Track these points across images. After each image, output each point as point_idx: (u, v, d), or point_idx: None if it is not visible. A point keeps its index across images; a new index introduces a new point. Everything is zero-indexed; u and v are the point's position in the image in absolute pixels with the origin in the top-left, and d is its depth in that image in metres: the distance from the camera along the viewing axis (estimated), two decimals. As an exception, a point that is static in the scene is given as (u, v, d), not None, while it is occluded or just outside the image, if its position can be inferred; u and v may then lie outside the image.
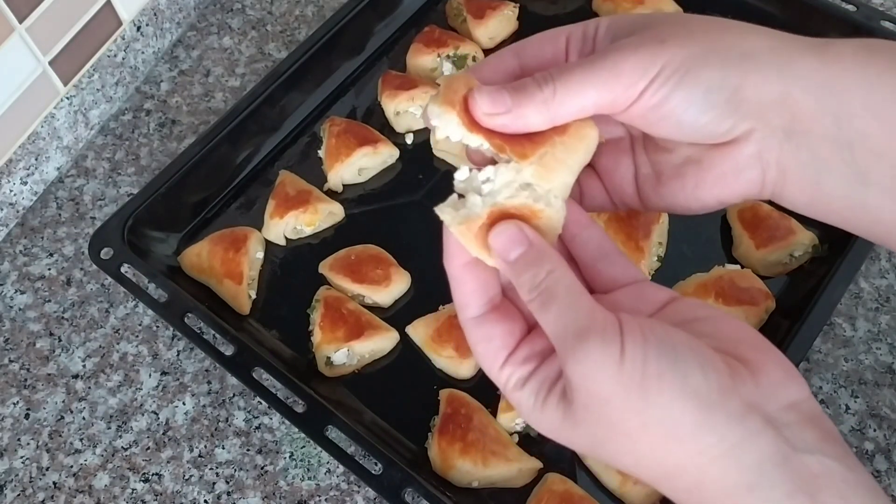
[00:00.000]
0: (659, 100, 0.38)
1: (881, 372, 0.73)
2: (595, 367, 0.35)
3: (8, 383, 0.76)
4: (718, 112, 0.38)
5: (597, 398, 0.35)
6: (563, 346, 0.36)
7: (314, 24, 0.98)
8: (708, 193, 0.42)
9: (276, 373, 0.68)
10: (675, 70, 0.37)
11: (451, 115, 0.38)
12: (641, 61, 0.38)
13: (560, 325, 0.36)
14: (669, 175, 0.43)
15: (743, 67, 0.38)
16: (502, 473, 0.66)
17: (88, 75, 0.88)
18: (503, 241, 0.38)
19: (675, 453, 0.35)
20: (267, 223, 0.81)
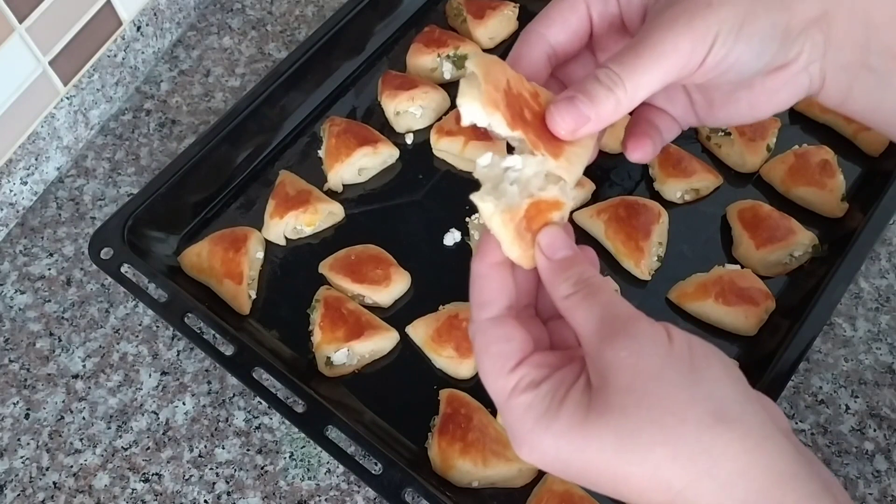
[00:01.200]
0: (719, 60, 0.41)
1: (881, 372, 0.73)
2: (647, 343, 0.36)
3: (8, 383, 0.76)
4: (773, 52, 0.42)
5: (644, 375, 0.35)
6: (611, 326, 0.37)
7: (314, 24, 0.98)
8: (761, 109, 0.46)
9: (276, 373, 0.68)
10: (729, 30, 0.40)
11: (496, 117, 0.40)
12: (698, 33, 0.40)
13: (609, 309, 0.38)
14: (722, 101, 0.46)
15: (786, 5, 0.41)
16: (502, 473, 0.66)
17: (88, 75, 0.88)
18: (551, 240, 0.40)
19: (722, 436, 0.35)
20: (267, 223, 0.81)
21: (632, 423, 0.35)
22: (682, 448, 0.35)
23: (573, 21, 0.45)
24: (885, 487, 0.68)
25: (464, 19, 0.92)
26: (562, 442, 0.36)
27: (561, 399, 0.37)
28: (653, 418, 0.35)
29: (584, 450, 0.36)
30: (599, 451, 0.36)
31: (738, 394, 0.36)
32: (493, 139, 0.83)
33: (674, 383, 0.35)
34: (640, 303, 0.75)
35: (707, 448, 0.35)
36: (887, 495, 0.68)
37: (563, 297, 0.39)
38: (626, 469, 0.35)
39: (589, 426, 0.36)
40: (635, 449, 0.35)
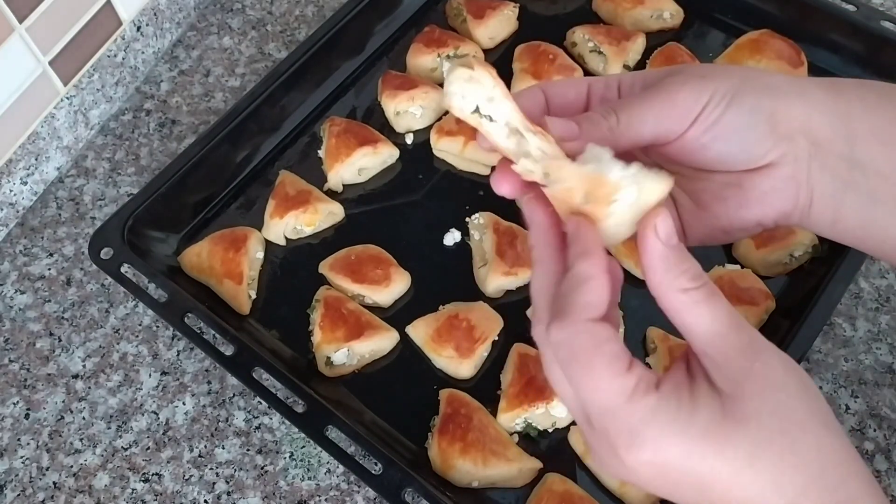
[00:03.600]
0: (710, 123, 0.42)
1: (881, 372, 0.73)
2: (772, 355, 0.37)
3: (8, 383, 0.76)
4: (759, 133, 0.42)
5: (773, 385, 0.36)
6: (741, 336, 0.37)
7: (314, 24, 0.98)
8: (750, 213, 0.45)
9: (276, 373, 0.68)
10: (722, 96, 0.42)
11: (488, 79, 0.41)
12: (693, 91, 0.42)
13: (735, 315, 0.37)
14: (710, 200, 0.46)
15: (772, 96, 0.43)
16: (502, 473, 0.66)
17: (88, 75, 0.88)
18: (668, 226, 0.38)
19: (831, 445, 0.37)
20: (267, 223, 0.81)
21: (766, 432, 0.36)
22: (803, 455, 0.36)
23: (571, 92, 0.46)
24: (885, 487, 0.68)
25: (464, 19, 0.92)
26: (695, 447, 0.36)
27: (690, 401, 0.36)
28: (783, 428, 0.36)
29: (715, 456, 0.36)
30: (733, 458, 0.36)
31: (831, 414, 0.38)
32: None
33: (794, 396, 0.37)
34: (641, 303, 0.75)
35: (821, 456, 0.36)
36: (887, 495, 0.68)
37: (681, 290, 0.37)
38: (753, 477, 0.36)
39: (725, 433, 0.36)
40: (768, 456, 0.36)
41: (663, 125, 0.42)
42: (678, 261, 0.38)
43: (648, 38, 0.90)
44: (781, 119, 0.42)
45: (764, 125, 0.42)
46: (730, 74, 0.43)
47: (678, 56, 0.86)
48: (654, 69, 0.47)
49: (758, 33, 0.87)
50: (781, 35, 0.87)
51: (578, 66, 0.88)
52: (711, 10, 0.93)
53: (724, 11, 0.93)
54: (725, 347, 0.37)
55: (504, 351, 0.74)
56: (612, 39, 0.88)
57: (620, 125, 0.42)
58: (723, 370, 0.37)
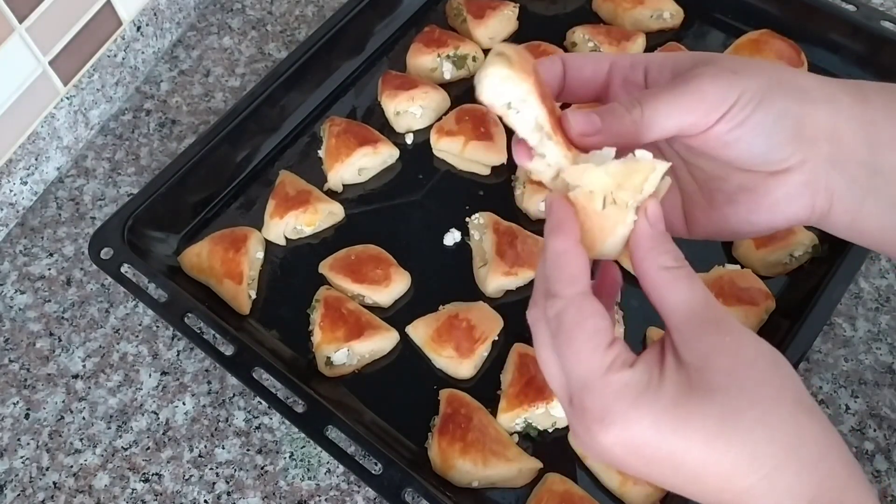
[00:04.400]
0: (737, 123, 0.42)
1: (881, 372, 0.73)
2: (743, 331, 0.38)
3: (8, 383, 0.76)
4: (783, 138, 0.42)
5: (744, 360, 0.37)
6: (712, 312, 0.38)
7: (314, 24, 0.98)
8: (761, 218, 0.45)
9: (276, 373, 0.68)
10: (751, 97, 0.41)
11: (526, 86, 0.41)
12: (722, 88, 0.41)
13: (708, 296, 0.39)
14: (723, 201, 0.46)
15: (801, 100, 0.42)
16: (502, 473, 0.66)
17: (88, 75, 0.88)
18: (656, 210, 0.40)
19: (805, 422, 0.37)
20: (267, 223, 0.81)
21: (735, 403, 0.36)
22: (777, 427, 0.36)
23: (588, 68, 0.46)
24: (886, 487, 0.68)
25: (464, 19, 0.92)
26: (663, 419, 0.36)
27: (659, 376, 0.37)
28: (752, 400, 0.36)
29: (684, 428, 0.36)
30: (700, 430, 0.36)
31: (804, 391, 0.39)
32: (493, 139, 0.83)
33: (766, 371, 0.38)
34: (640, 303, 0.75)
35: (796, 430, 0.37)
36: (887, 495, 0.68)
37: (664, 267, 0.39)
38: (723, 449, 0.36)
39: (692, 405, 0.36)
40: (737, 428, 0.36)
41: (689, 119, 0.42)
42: (663, 241, 0.40)
43: (648, 38, 0.90)
44: (808, 124, 0.42)
45: (790, 129, 0.42)
46: (761, 72, 0.42)
47: (678, 56, 0.86)
48: (684, 53, 0.46)
49: (758, 33, 0.87)
50: (781, 35, 0.87)
51: (578, 66, 0.88)
52: (711, 10, 0.93)
53: (724, 11, 0.93)
54: (697, 322, 0.38)
55: (504, 351, 0.74)
56: (612, 39, 0.88)
57: (645, 118, 0.41)
58: (691, 344, 0.38)
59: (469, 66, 0.90)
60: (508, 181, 0.83)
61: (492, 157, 0.83)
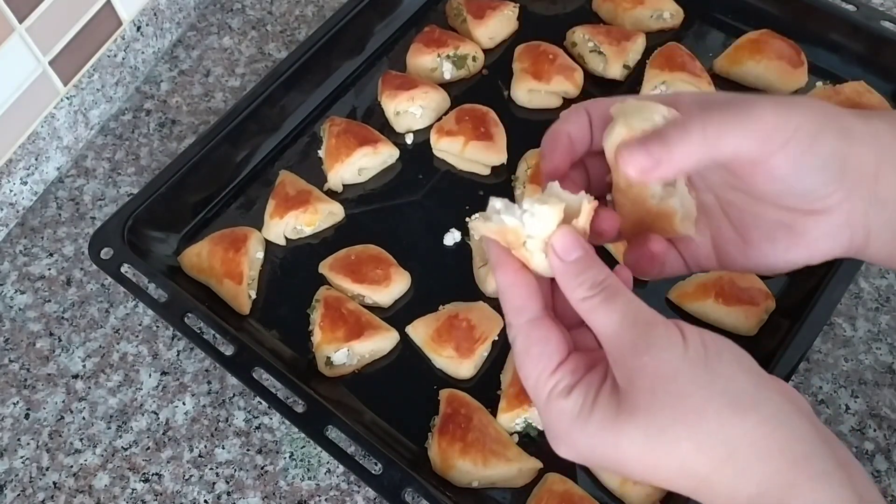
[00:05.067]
0: (793, 157, 0.41)
1: (881, 372, 0.73)
2: (664, 347, 0.38)
3: (8, 383, 0.76)
4: (829, 176, 0.42)
5: (663, 377, 0.38)
6: (630, 331, 0.39)
7: (314, 24, 0.98)
8: (799, 255, 0.45)
9: (276, 373, 0.68)
10: (808, 132, 0.41)
11: None
12: (781, 117, 0.41)
13: (629, 315, 0.39)
14: (760, 238, 0.46)
15: (847, 140, 0.42)
16: (502, 473, 0.66)
17: (88, 75, 0.88)
18: (566, 242, 0.41)
19: (738, 426, 0.37)
20: (267, 223, 0.81)
21: (658, 421, 0.38)
22: (703, 440, 0.38)
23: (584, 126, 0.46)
24: (885, 487, 0.68)
25: (464, 19, 0.92)
26: (595, 441, 0.40)
27: (592, 402, 0.40)
28: (676, 417, 0.38)
29: (616, 446, 0.39)
30: (630, 447, 0.39)
31: (752, 384, 0.38)
32: (493, 139, 0.83)
33: (692, 382, 0.38)
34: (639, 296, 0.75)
35: (726, 438, 0.37)
36: (887, 495, 0.68)
37: (580, 299, 0.41)
38: (656, 462, 0.39)
39: (619, 426, 0.39)
40: (663, 444, 0.38)
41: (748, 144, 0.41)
42: (577, 272, 0.41)
43: (648, 38, 0.90)
44: (853, 165, 0.42)
45: (836, 169, 0.42)
46: (811, 110, 0.42)
47: (678, 56, 0.86)
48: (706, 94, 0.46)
49: (758, 33, 0.87)
50: (781, 35, 0.87)
51: (578, 67, 0.88)
52: (711, 10, 0.93)
53: (724, 11, 0.93)
54: (618, 346, 0.39)
55: (504, 351, 0.74)
56: (612, 39, 0.88)
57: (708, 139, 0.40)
58: (618, 367, 0.39)
59: (469, 66, 0.90)
60: (508, 181, 0.83)
61: (492, 157, 0.83)
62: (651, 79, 0.85)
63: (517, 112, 0.88)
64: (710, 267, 0.49)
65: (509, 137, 0.84)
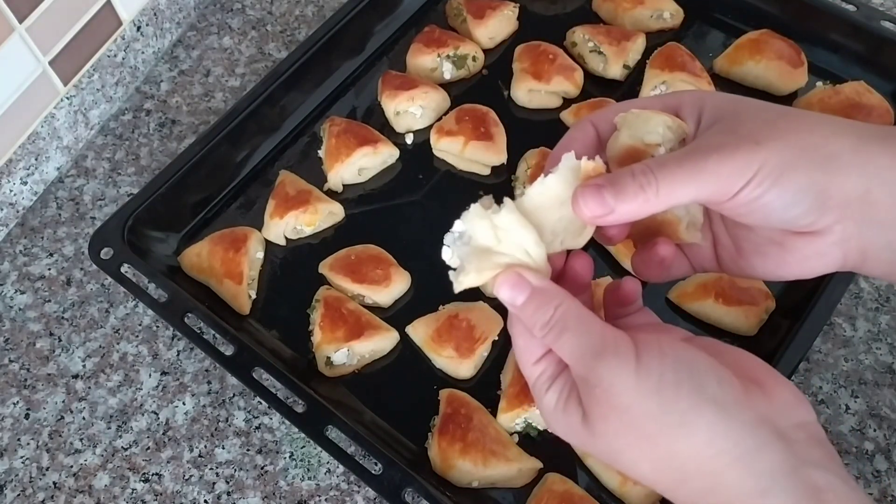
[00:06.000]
0: (753, 198, 0.41)
1: (881, 372, 0.73)
2: (612, 378, 0.39)
3: (8, 383, 0.76)
4: (805, 209, 0.41)
5: (616, 408, 0.39)
6: (581, 367, 0.40)
7: (314, 24, 0.98)
8: (790, 271, 0.45)
9: (276, 373, 0.68)
10: (769, 172, 0.40)
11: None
12: (740, 165, 0.40)
13: (576, 349, 0.40)
14: (751, 251, 0.46)
15: (828, 170, 0.41)
16: (502, 473, 0.66)
17: (88, 75, 0.88)
18: (507, 291, 0.43)
19: (692, 459, 0.38)
20: (267, 223, 0.81)
21: (615, 445, 0.40)
22: (659, 465, 0.39)
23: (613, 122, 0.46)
24: (885, 487, 0.68)
25: (464, 19, 0.92)
26: (570, 436, 0.43)
27: (565, 400, 0.42)
28: (630, 443, 0.40)
29: (586, 447, 0.42)
30: (599, 453, 0.42)
31: (709, 417, 0.38)
32: (493, 139, 0.83)
33: (643, 414, 0.39)
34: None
35: (679, 467, 0.38)
36: (887, 495, 0.68)
37: (540, 336, 0.42)
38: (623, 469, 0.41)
39: (587, 434, 0.41)
40: (624, 463, 0.41)
41: (703, 194, 0.41)
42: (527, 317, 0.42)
43: (648, 38, 0.90)
44: (835, 193, 0.41)
45: (812, 200, 0.41)
46: (785, 143, 0.41)
47: (678, 56, 0.86)
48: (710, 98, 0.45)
49: (758, 33, 0.87)
50: (781, 35, 0.87)
51: (578, 67, 0.88)
52: (711, 10, 0.93)
53: (724, 11, 0.93)
54: (575, 376, 0.41)
55: (504, 351, 0.74)
56: (612, 39, 0.88)
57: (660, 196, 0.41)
58: (580, 391, 0.41)
59: (469, 66, 0.90)
60: (508, 181, 0.83)
61: (492, 157, 0.83)
62: (651, 79, 0.85)
63: (517, 112, 0.88)
64: (712, 269, 0.49)
65: (509, 137, 0.84)
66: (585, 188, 0.42)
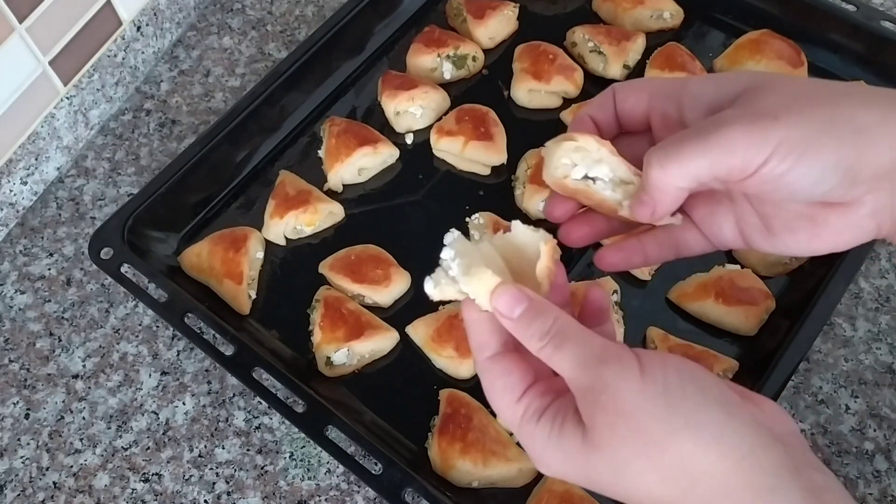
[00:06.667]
0: (776, 175, 0.40)
1: (881, 372, 0.73)
2: (619, 383, 0.38)
3: (8, 383, 0.76)
4: (834, 184, 0.40)
5: (622, 413, 0.38)
6: (584, 375, 0.39)
7: (314, 24, 0.98)
8: (822, 244, 0.44)
9: (276, 373, 0.68)
10: (791, 149, 0.39)
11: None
12: (756, 140, 0.39)
13: (579, 357, 0.40)
14: (781, 228, 0.45)
15: (858, 144, 0.39)
16: (502, 473, 0.66)
17: (88, 75, 0.88)
18: (505, 301, 0.41)
19: (700, 460, 0.37)
20: (267, 223, 0.81)
21: (620, 456, 0.39)
22: (667, 472, 0.38)
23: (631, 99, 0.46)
24: (885, 487, 0.68)
25: (464, 19, 0.92)
26: (567, 466, 0.41)
27: (559, 429, 0.41)
28: (637, 451, 0.38)
29: (587, 473, 0.40)
30: (600, 477, 0.40)
31: (717, 415, 0.38)
32: (493, 139, 0.83)
33: (651, 417, 0.38)
34: (641, 303, 0.75)
35: (688, 471, 0.38)
36: (887, 495, 0.68)
37: (536, 349, 0.41)
38: (626, 491, 0.40)
39: (586, 457, 0.40)
40: (628, 476, 0.39)
41: (719, 170, 0.40)
42: (525, 326, 0.41)
43: (648, 38, 0.90)
44: (864, 166, 0.40)
45: (841, 176, 0.40)
46: (807, 118, 0.39)
47: (678, 56, 0.86)
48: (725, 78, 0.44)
49: (758, 33, 0.87)
50: (781, 35, 0.87)
51: (578, 67, 0.88)
52: (711, 10, 0.93)
53: (724, 11, 0.93)
54: (577, 388, 0.40)
55: (504, 351, 0.73)
56: (612, 39, 0.88)
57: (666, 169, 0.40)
58: (581, 405, 0.40)
59: (469, 66, 0.90)
60: (508, 181, 0.83)
61: (492, 157, 0.83)
62: (651, 79, 0.85)
63: (517, 112, 0.88)
64: (735, 246, 0.48)
65: (509, 137, 0.84)
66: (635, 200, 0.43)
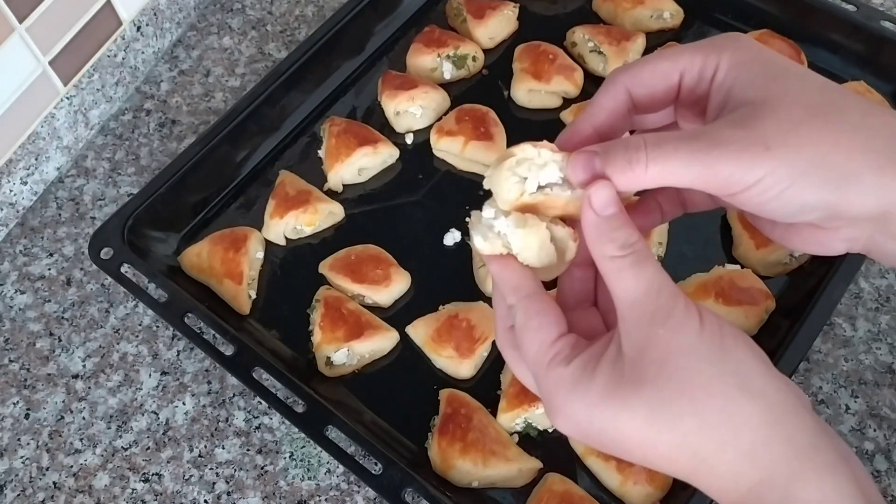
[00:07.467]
0: (755, 203, 0.39)
1: (881, 372, 0.73)
2: (682, 321, 0.38)
3: (8, 383, 0.76)
4: (812, 219, 0.40)
5: (677, 350, 0.37)
6: (655, 299, 0.38)
7: (314, 24, 0.98)
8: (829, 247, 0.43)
9: (276, 373, 0.68)
10: (776, 183, 0.38)
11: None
12: (743, 167, 0.38)
13: (655, 283, 0.38)
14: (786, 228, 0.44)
15: (842, 189, 0.39)
16: (502, 473, 0.66)
17: (88, 75, 0.88)
18: (602, 195, 0.39)
19: (746, 407, 0.37)
20: (267, 223, 0.81)
21: (664, 394, 0.37)
22: (708, 418, 0.36)
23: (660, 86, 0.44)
24: (885, 487, 0.68)
25: (464, 19, 0.92)
26: (594, 411, 0.38)
27: (592, 371, 0.39)
28: (683, 391, 0.37)
29: (616, 418, 0.38)
30: (631, 420, 0.37)
31: (762, 371, 0.38)
32: (493, 139, 0.83)
33: (704, 359, 0.37)
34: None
35: (730, 419, 0.36)
36: (887, 495, 0.68)
37: (609, 257, 0.39)
38: (656, 437, 0.37)
39: (621, 396, 0.38)
40: (666, 418, 0.37)
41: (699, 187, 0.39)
42: (609, 229, 0.39)
43: (648, 38, 0.90)
44: (845, 210, 0.39)
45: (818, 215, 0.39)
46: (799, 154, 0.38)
47: (678, 56, 0.86)
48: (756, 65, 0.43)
49: (758, 33, 0.87)
50: (781, 35, 0.87)
51: (578, 67, 0.88)
52: (711, 10, 0.93)
53: (724, 11, 0.93)
54: (636, 314, 0.38)
55: (504, 351, 0.74)
56: (612, 39, 0.88)
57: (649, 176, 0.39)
58: (631, 335, 0.38)
59: (469, 66, 0.90)
60: (508, 181, 0.83)
61: (492, 157, 0.83)
62: (651, 79, 0.85)
63: (517, 112, 0.88)
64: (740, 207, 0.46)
65: (509, 137, 0.84)
66: (579, 154, 0.41)
